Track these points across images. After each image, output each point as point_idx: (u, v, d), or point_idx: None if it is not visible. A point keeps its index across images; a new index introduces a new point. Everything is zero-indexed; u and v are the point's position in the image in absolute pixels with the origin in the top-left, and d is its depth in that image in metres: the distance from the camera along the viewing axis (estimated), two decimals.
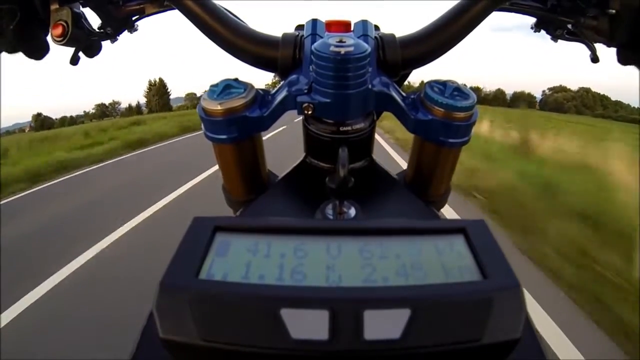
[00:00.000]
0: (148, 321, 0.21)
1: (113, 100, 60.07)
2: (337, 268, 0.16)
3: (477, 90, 59.43)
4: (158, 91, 51.28)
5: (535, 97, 62.87)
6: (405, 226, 0.18)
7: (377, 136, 0.35)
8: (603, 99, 61.55)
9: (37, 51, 0.39)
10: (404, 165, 0.37)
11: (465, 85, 0.30)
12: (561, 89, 62.56)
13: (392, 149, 5.54)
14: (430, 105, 0.29)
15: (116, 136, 9.25)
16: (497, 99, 61.62)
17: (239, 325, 0.14)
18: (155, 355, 0.19)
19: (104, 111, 57.55)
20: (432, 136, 0.30)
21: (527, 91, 64.59)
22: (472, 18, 0.32)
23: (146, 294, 0.28)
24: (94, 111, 58.54)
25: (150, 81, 53.08)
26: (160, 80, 52.62)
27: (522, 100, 58.44)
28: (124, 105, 58.75)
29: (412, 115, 0.29)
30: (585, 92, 61.11)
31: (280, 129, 7.29)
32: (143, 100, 53.82)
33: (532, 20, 0.44)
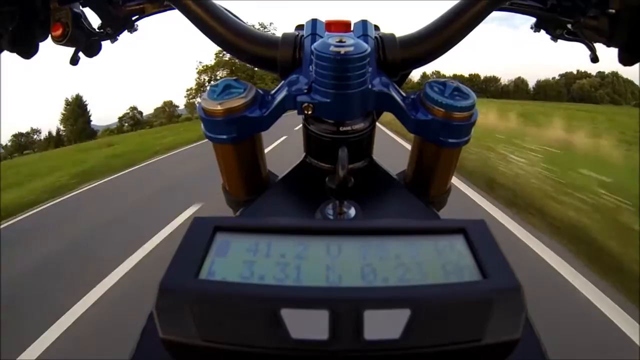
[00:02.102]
0: (148, 321, 0.21)
1: (31, 129, 38.52)
2: (337, 268, 0.16)
3: (494, 80, 51.00)
4: (72, 113, 34.94)
5: (561, 87, 51.22)
6: (405, 226, 0.18)
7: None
8: (629, 84, 46.86)
9: (29, 51, 0.39)
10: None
11: (478, 74, 0.29)
12: (582, 75, 50.27)
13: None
14: (430, 105, 0.29)
15: None
16: (519, 90, 50.90)
17: (239, 326, 0.14)
18: (155, 355, 0.19)
19: (21, 143, 37.08)
20: (432, 136, 0.30)
21: (545, 79, 53.28)
22: (471, 18, 0.32)
23: None
24: (9, 143, 37.25)
25: (66, 100, 35.74)
26: (77, 98, 35.59)
27: (548, 90, 49.22)
28: (45, 133, 37.48)
29: (412, 116, 0.29)
30: (615, 77, 47.27)
31: (282, 138, 6.74)
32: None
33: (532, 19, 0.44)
